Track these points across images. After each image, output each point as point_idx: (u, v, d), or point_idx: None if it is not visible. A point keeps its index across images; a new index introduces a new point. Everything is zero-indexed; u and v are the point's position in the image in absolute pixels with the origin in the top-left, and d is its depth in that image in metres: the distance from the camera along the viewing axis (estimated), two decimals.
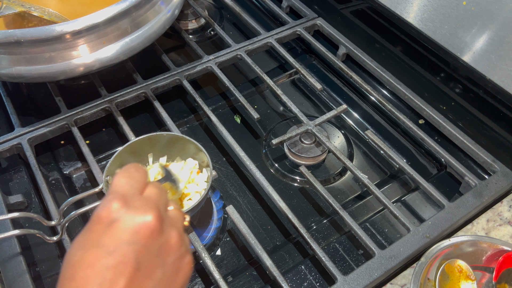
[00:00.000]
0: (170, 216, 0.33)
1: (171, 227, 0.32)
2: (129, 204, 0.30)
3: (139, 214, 0.30)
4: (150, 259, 0.29)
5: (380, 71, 0.67)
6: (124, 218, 0.29)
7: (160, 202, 0.32)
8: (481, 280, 0.44)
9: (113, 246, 0.28)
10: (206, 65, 0.67)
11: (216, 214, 0.54)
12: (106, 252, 0.28)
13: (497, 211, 0.53)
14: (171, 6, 0.61)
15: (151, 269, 0.29)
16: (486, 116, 0.60)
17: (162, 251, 0.31)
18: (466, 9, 0.56)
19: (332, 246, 0.52)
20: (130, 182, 0.32)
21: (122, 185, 0.32)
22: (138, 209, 0.30)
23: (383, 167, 0.62)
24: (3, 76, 0.53)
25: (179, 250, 0.32)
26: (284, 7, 0.82)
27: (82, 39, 0.52)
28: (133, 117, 0.66)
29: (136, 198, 0.31)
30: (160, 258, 0.30)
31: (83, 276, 0.27)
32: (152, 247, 0.30)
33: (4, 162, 0.60)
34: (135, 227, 0.29)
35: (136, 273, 0.28)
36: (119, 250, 0.28)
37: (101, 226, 0.29)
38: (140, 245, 0.29)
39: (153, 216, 0.30)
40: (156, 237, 0.30)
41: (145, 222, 0.29)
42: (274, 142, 0.56)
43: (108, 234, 0.29)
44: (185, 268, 0.32)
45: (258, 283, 0.50)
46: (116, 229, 0.29)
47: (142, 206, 0.30)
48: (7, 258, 0.47)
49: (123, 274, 0.28)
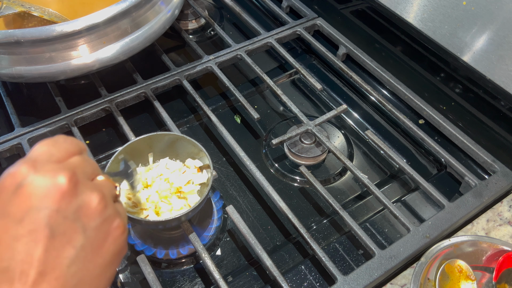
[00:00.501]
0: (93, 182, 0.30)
1: (91, 190, 0.29)
2: (38, 168, 0.27)
3: (48, 177, 0.27)
4: (66, 224, 0.27)
5: (380, 71, 0.67)
6: (31, 181, 0.26)
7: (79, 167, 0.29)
8: (481, 280, 0.44)
9: (20, 213, 0.26)
10: (206, 65, 0.67)
11: (216, 214, 0.54)
12: (14, 222, 0.26)
13: (497, 211, 0.53)
14: (171, 6, 0.61)
15: (69, 235, 0.27)
16: (486, 116, 0.60)
17: (81, 215, 0.28)
18: (466, 9, 0.56)
19: (332, 246, 0.52)
20: (51, 150, 0.29)
21: (39, 152, 0.29)
22: (47, 172, 0.27)
23: (383, 167, 0.62)
24: (3, 76, 0.53)
25: (102, 213, 0.29)
26: (284, 7, 0.82)
27: (82, 39, 0.52)
28: (133, 117, 0.66)
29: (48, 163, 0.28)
30: (79, 223, 0.27)
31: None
32: (66, 210, 0.27)
33: (4, 162, 0.60)
34: (44, 190, 0.26)
35: (52, 241, 0.26)
36: (28, 217, 0.26)
37: (6, 194, 0.26)
38: (51, 209, 0.26)
39: (65, 177, 0.27)
40: (70, 200, 0.27)
41: (54, 183, 0.27)
42: (274, 142, 0.56)
43: (14, 202, 0.26)
44: (114, 233, 0.29)
45: (258, 283, 0.50)
46: (22, 195, 0.26)
47: (53, 169, 0.27)
48: None
49: (36, 243, 0.25)
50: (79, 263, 0.27)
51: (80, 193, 0.28)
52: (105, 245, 0.29)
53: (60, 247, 0.26)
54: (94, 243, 0.28)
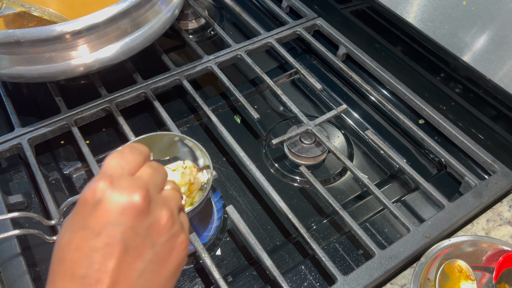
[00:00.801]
0: (163, 196, 0.32)
1: (161, 206, 0.31)
2: (115, 184, 0.29)
3: (125, 194, 0.29)
4: (138, 239, 0.29)
5: (380, 71, 0.67)
6: (110, 198, 0.28)
7: (151, 182, 0.31)
8: (481, 280, 0.44)
9: (99, 227, 0.28)
10: (206, 65, 0.67)
11: (216, 214, 0.54)
12: (93, 234, 0.28)
13: (497, 211, 0.53)
14: (171, 6, 0.61)
15: (139, 250, 0.29)
16: (486, 116, 0.60)
17: (152, 231, 0.30)
18: (466, 9, 0.56)
19: (332, 246, 0.52)
20: (121, 163, 0.31)
21: (111, 166, 0.31)
22: (124, 189, 0.29)
23: (383, 167, 0.62)
24: (3, 76, 0.53)
25: (170, 230, 0.31)
26: (284, 7, 0.82)
27: (82, 39, 0.52)
28: (133, 117, 0.66)
29: (124, 178, 0.30)
30: (149, 239, 0.30)
31: (72, 259, 0.27)
32: (139, 227, 0.29)
33: (4, 162, 0.60)
34: (121, 208, 0.28)
35: (124, 254, 0.28)
36: (105, 232, 0.28)
37: (87, 208, 0.29)
38: (126, 226, 0.28)
39: (140, 196, 0.29)
40: (143, 218, 0.29)
41: (131, 202, 0.29)
42: (274, 142, 0.56)
43: (94, 216, 0.28)
44: (178, 248, 0.32)
45: (258, 283, 0.50)
46: (101, 210, 0.28)
47: (129, 186, 0.29)
48: (7, 259, 0.47)
49: (111, 256, 0.27)
50: (147, 275, 0.29)
51: (152, 211, 0.30)
52: (170, 259, 0.31)
53: (132, 261, 0.28)
54: (161, 257, 0.30)
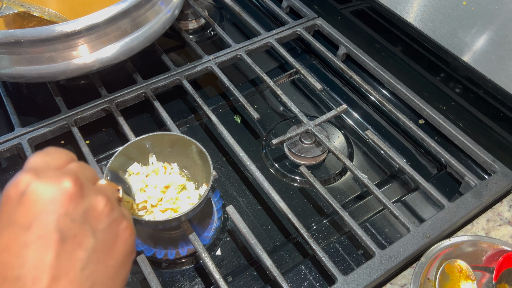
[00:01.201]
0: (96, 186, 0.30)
1: (95, 193, 0.29)
2: (40, 175, 0.27)
3: (53, 182, 0.26)
4: (75, 227, 0.26)
5: (380, 71, 0.67)
6: (36, 188, 0.26)
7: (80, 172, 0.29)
8: (481, 280, 0.44)
9: (27, 220, 0.25)
10: (206, 65, 0.67)
11: (216, 214, 0.54)
12: (21, 229, 0.25)
13: (497, 211, 0.53)
14: (171, 6, 0.61)
15: (79, 238, 0.26)
16: (486, 116, 0.60)
17: (89, 217, 0.27)
18: (466, 9, 0.56)
19: (332, 246, 0.52)
20: (46, 159, 0.29)
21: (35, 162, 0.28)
22: (51, 178, 0.27)
23: (383, 167, 0.62)
24: (3, 76, 0.53)
25: (109, 215, 0.29)
26: (284, 7, 0.82)
27: (82, 39, 0.52)
28: (133, 117, 0.66)
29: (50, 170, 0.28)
30: (88, 225, 0.27)
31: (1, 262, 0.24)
32: (74, 213, 0.26)
33: (4, 162, 0.60)
34: (50, 195, 0.26)
35: (62, 244, 0.25)
36: (36, 223, 0.25)
37: (11, 203, 0.26)
38: (59, 213, 0.26)
39: (70, 181, 0.27)
40: (77, 202, 0.27)
41: (60, 188, 0.26)
42: (274, 142, 0.56)
43: (20, 209, 0.25)
44: (123, 235, 0.29)
45: (258, 283, 0.50)
46: (28, 202, 0.26)
47: (56, 175, 0.27)
48: None
49: (47, 248, 0.25)
50: (92, 266, 0.26)
51: (86, 196, 0.28)
52: (116, 246, 0.29)
53: (72, 251, 0.26)
54: (105, 245, 0.28)
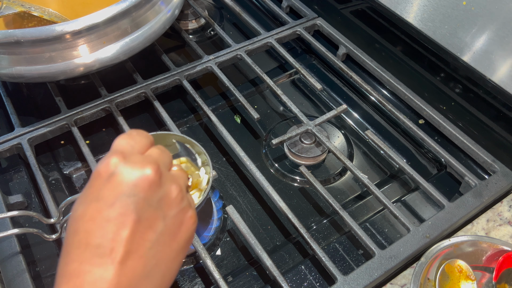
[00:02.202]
0: (172, 173, 0.33)
1: (171, 181, 0.32)
2: (127, 159, 0.30)
3: (138, 168, 0.30)
4: (150, 211, 0.30)
5: (380, 71, 0.67)
6: (123, 171, 0.29)
7: (160, 160, 0.32)
8: (481, 280, 0.44)
9: (112, 198, 0.29)
10: (206, 65, 0.67)
11: (216, 214, 0.54)
12: (106, 205, 0.28)
13: (497, 211, 0.53)
14: (171, 6, 0.61)
15: (152, 221, 0.30)
16: (486, 116, 0.60)
17: (163, 203, 0.31)
18: (466, 9, 0.56)
19: (332, 246, 0.52)
20: (131, 143, 0.32)
21: (122, 145, 0.32)
22: (136, 163, 0.30)
23: (383, 167, 0.62)
24: (3, 76, 0.53)
25: (180, 204, 0.32)
26: (284, 7, 0.82)
27: (82, 39, 0.52)
28: (133, 117, 0.66)
29: (135, 155, 0.31)
30: (160, 211, 0.30)
31: (86, 229, 0.28)
32: (151, 199, 0.30)
33: (4, 162, 0.60)
34: (134, 180, 0.29)
35: (137, 225, 0.28)
36: (119, 202, 0.28)
37: (101, 181, 0.30)
38: (139, 197, 0.29)
39: (152, 170, 0.30)
40: (155, 189, 0.30)
41: (143, 175, 0.30)
42: (274, 142, 0.56)
43: (107, 188, 0.29)
44: (187, 222, 0.33)
45: (258, 283, 0.50)
46: (115, 182, 0.29)
47: (140, 161, 0.30)
48: (6, 257, 0.47)
49: (125, 225, 0.28)
50: (158, 247, 0.30)
51: (163, 184, 0.31)
52: (180, 232, 0.32)
53: (144, 231, 0.29)
54: (171, 229, 0.31)
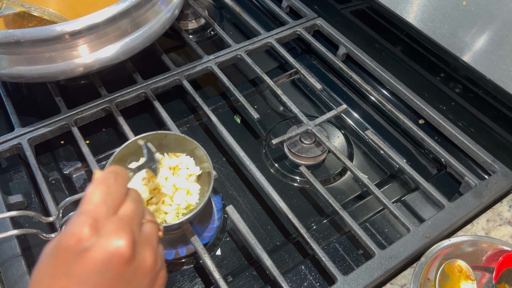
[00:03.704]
0: (145, 233, 0.32)
1: (145, 247, 0.31)
2: (100, 231, 0.29)
3: (111, 241, 0.28)
4: (124, 285, 0.29)
5: (380, 71, 0.67)
6: (95, 247, 0.28)
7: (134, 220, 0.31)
8: (481, 280, 0.44)
9: (84, 276, 0.27)
10: (206, 65, 0.67)
11: (216, 214, 0.54)
12: (77, 282, 0.27)
13: (497, 211, 0.53)
14: (171, 6, 0.61)
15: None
16: (486, 116, 0.60)
17: (138, 275, 0.30)
18: (466, 9, 0.56)
19: (332, 246, 0.52)
20: (106, 200, 0.30)
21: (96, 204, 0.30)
22: (110, 235, 0.29)
23: (383, 167, 0.62)
24: (3, 76, 0.53)
25: (154, 270, 0.31)
26: (284, 7, 0.82)
27: (82, 39, 0.52)
28: (133, 117, 0.66)
29: (109, 221, 0.30)
30: (135, 282, 0.30)
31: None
32: (126, 274, 0.29)
33: (4, 162, 0.60)
34: (108, 257, 0.28)
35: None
36: (90, 280, 0.27)
37: (70, 254, 0.28)
38: (113, 273, 0.28)
39: (126, 242, 0.29)
40: (130, 263, 0.29)
41: (117, 249, 0.28)
42: (274, 142, 0.56)
43: (78, 264, 0.28)
44: (159, 283, 0.32)
45: (258, 283, 0.50)
46: (86, 259, 0.28)
47: (114, 230, 0.29)
48: (7, 259, 0.47)
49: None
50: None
51: (137, 254, 0.30)
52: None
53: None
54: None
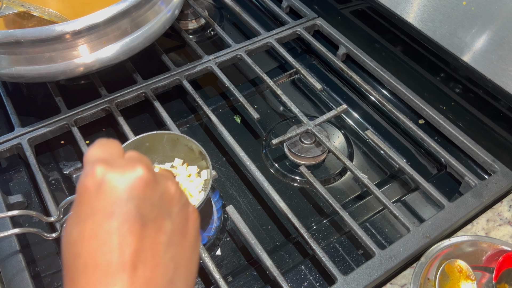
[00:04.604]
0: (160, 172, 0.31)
1: (165, 178, 0.29)
2: (113, 165, 0.27)
3: (127, 170, 0.27)
4: (154, 211, 0.27)
5: (380, 71, 0.67)
6: (113, 177, 0.26)
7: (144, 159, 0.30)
8: (481, 280, 0.44)
9: (110, 208, 0.25)
10: (206, 65, 0.67)
11: (216, 214, 0.54)
12: (105, 216, 0.25)
13: (497, 211, 0.53)
14: (171, 6, 0.61)
15: (159, 222, 0.27)
16: (486, 116, 0.60)
17: (164, 201, 0.28)
18: (466, 9, 0.56)
19: (332, 246, 0.52)
20: (107, 149, 0.29)
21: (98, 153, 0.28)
22: (124, 166, 0.27)
23: (383, 167, 0.62)
24: (3, 76, 0.53)
25: (180, 198, 0.29)
26: (284, 7, 0.82)
27: (82, 39, 0.52)
28: (133, 117, 0.66)
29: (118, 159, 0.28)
30: (164, 209, 0.28)
31: (88, 250, 0.25)
32: (152, 198, 0.27)
33: (4, 162, 0.60)
34: (128, 182, 0.26)
35: (144, 229, 0.26)
36: (118, 210, 0.25)
37: (90, 194, 0.26)
38: (140, 198, 0.26)
39: (143, 168, 0.27)
40: (153, 187, 0.27)
41: (136, 174, 0.26)
42: (274, 142, 0.56)
43: (101, 198, 0.26)
44: (192, 217, 0.30)
45: (258, 283, 0.50)
46: (107, 190, 0.26)
47: (128, 163, 0.27)
48: (6, 257, 0.47)
49: (131, 233, 0.25)
50: (173, 248, 0.27)
51: (158, 181, 0.28)
52: (188, 228, 0.29)
53: (154, 234, 0.26)
54: (180, 227, 0.29)
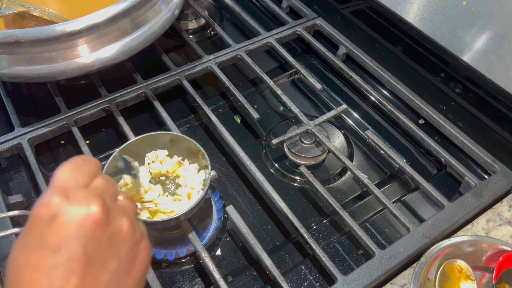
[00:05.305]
0: (120, 205, 0.31)
1: (120, 215, 0.30)
2: (70, 197, 0.28)
3: (82, 206, 0.28)
4: (100, 250, 0.28)
5: (380, 71, 0.67)
6: (66, 211, 0.27)
7: (106, 192, 0.30)
8: (481, 280, 0.44)
9: (57, 243, 0.26)
10: (206, 65, 0.67)
11: (216, 214, 0.54)
12: (51, 251, 0.26)
13: (497, 211, 0.53)
14: (171, 6, 0.61)
15: (103, 261, 0.28)
16: (486, 116, 0.60)
17: (114, 240, 0.29)
18: (466, 9, 0.56)
19: (332, 246, 0.52)
20: (75, 175, 0.30)
21: (64, 179, 0.30)
22: (80, 201, 0.28)
23: (383, 167, 0.62)
24: (3, 76, 0.53)
25: (132, 237, 0.30)
26: (284, 7, 0.82)
27: (82, 39, 0.52)
28: (133, 117, 0.66)
29: (78, 190, 0.29)
30: (113, 248, 0.29)
31: (30, 280, 0.26)
32: (101, 238, 0.28)
33: (4, 162, 0.60)
34: (80, 220, 0.27)
35: (88, 268, 0.26)
36: (65, 246, 0.26)
37: (42, 224, 0.27)
38: (87, 237, 0.27)
39: (98, 206, 0.28)
40: (104, 227, 0.28)
41: (89, 213, 0.27)
42: (274, 142, 0.56)
43: (50, 231, 0.27)
44: (142, 254, 0.31)
45: (258, 283, 0.50)
46: (58, 225, 0.27)
47: (84, 197, 0.28)
48: (6, 257, 0.46)
49: (73, 271, 0.26)
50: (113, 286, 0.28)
51: (112, 220, 0.29)
52: (134, 266, 0.30)
53: (96, 273, 0.27)
54: (125, 266, 0.29)
